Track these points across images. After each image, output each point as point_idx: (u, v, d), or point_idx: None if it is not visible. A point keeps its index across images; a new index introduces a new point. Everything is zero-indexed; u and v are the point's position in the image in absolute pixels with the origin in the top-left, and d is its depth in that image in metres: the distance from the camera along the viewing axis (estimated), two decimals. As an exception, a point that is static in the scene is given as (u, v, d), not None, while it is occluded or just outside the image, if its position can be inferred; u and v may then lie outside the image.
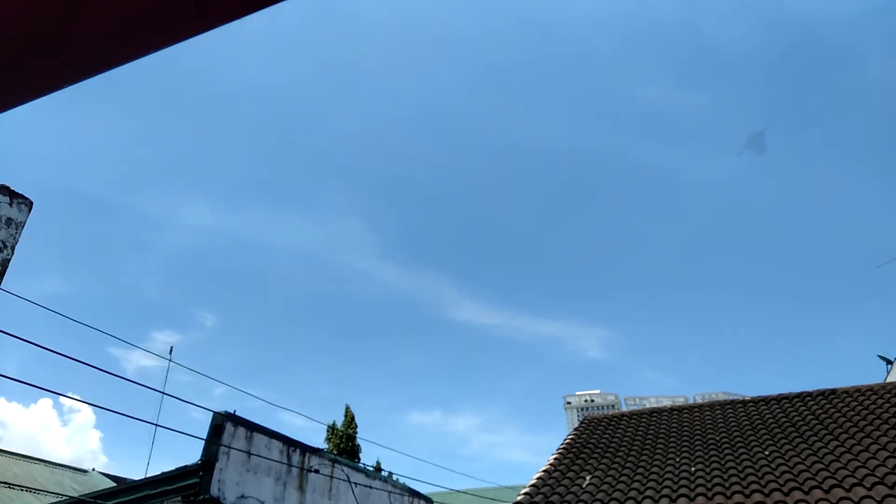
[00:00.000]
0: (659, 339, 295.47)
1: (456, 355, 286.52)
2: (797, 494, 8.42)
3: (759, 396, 13.35)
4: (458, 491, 17.06)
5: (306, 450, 12.56)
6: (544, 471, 11.14)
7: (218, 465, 10.19)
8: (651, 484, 9.71)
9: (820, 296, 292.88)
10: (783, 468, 9.26)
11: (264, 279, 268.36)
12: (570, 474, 10.80)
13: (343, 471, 13.62)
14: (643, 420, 13.54)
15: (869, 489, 8.20)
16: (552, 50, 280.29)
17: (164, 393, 8.93)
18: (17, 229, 5.91)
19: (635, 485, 9.76)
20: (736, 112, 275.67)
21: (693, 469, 10.02)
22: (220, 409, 10.69)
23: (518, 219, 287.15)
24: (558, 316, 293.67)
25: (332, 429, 23.50)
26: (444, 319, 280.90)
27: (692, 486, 9.31)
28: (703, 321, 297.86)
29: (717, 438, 11.22)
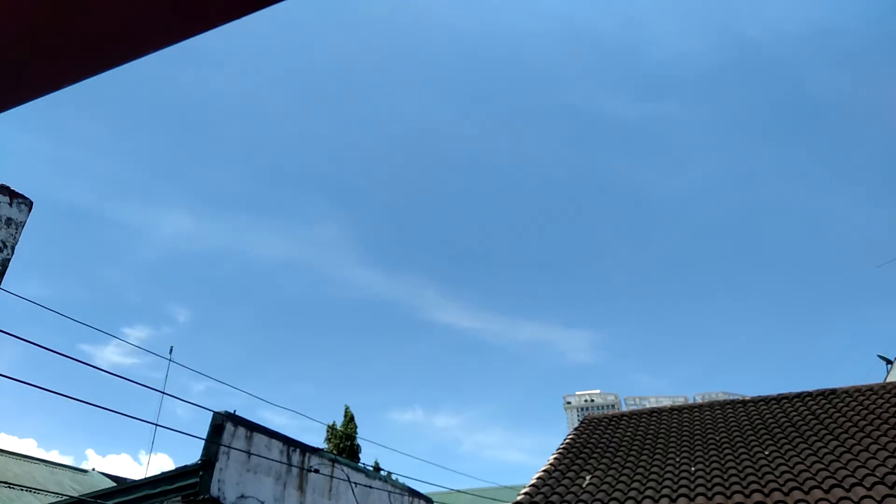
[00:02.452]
0: (649, 342, 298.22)
1: (438, 357, 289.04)
2: (797, 494, 8.42)
3: (759, 396, 13.35)
4: (458, 491, 17.06)
5: (306, 450, 12.56)
6: (544, 471, 11.14)
7: (218, 465, 10.18)
8: (651, 484, 9.71)
9: (820, 296, 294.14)
10: (783, 468, 9.25)
11: (243, 283, 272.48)
12: (570, 474, 10.80)
13: (343, 471, 13.62)
14: (643, 420, 13.53)
15: (869, 489, 8.20)
16: (520, 67, 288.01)
17: (163, 392, 8.93)
18: (17, 229, 5.91)
19: (635, 485, 9.76)
20: (700, 122, 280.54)
21: (693, 469, 10.02)
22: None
23: (501, 227, 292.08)
24: (544, 320, 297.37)
25: (331, 429, 23.49)
26: (427, 322, 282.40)
27: (692, 486, 9.31)
28: (703, 322, 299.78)
29: (717, 438, 11.22)
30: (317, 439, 23.63)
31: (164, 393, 8.92)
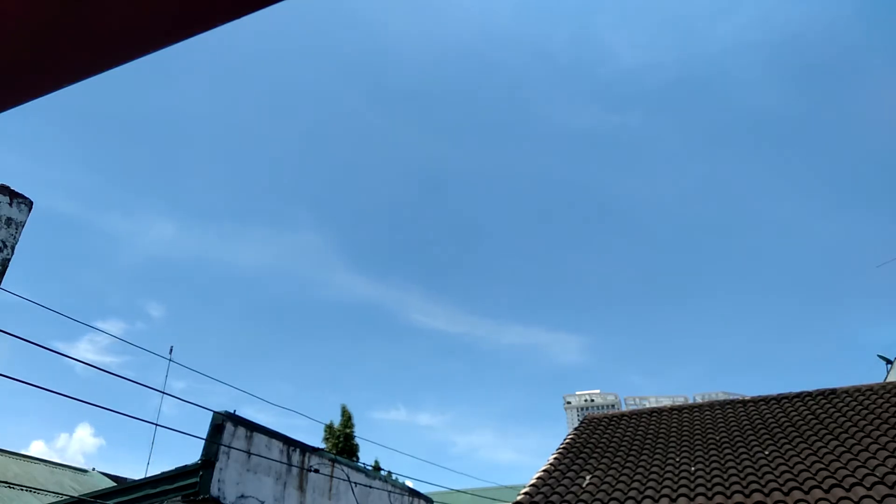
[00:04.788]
0: (647, 343, 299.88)
1: (424, 359, 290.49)
2: (797, 494, 8.42)
3: (759, 396, 13.35)
4: (458, 491, 17.06)
5: (306, 449, 12.56)
6: (544, 470, 11.14)
7: (218, 465, 10.18)
8: (651, 484, 9.71)
9: (820, 296, 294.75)
10: (783, 468, 9.25)
11: (224, 286, 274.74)
12: (570, 474, 10.80)
13: (343, 470, 13.62)
14: (643, 420, 13.53)
15: (869, 489, 8.20)
16: (489, 85, 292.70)
17: (163, 392, 8.93)
18: (17, 229, 5.91)
19: (635, 485, 9.76)
20: (667, 132, 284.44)
21: (693, 469, 10.02)
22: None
23: (483, 234, 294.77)
24: (535, 324, 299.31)
25: (329, 428, 23.47)
26: (411, 325, 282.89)
27: (692, 486, 9.31)
28: (703, 323, 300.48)
29: (717, 438, 11.22)
30: (304, 438, 23.49)
31: (164, 392, 8.92)
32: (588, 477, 10.51)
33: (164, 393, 8.92)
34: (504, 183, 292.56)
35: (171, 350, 12.47)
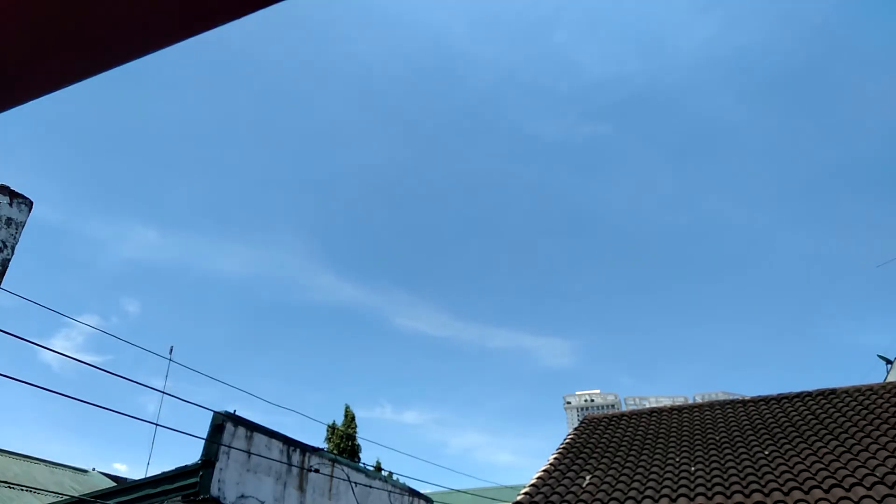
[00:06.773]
0: (647, 343, 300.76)
1: (415, 361, 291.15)
2: (797, 494, 8.42)
3: (759, 396, 13.35)
4: (458, 491, 17.07)
5: (306, 449, 12.56)
6: (544, 470, 11.14)
7: (218, 465, 10.18)
8: (651, 484, 9.71)
9: (820, 295, 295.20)
10: (783, 468, 9.25)
11: (206, 290, 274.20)
12: (570, 474, 10.80)
13: (343, 470, 13.62)
14: (643, 420, 13.53)
15: (869, 489, 8.20)
16: (465, 97, 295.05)
17: (164, 392, 8.93)
18: (17, 229, 5.91)
19: (635, 485, 9.76)
20: (641, 140, 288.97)
21: (693, 469, 10.02)
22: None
23: (470, 240, 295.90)
24: (519, 328, 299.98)
25: (332, 428, 23.51)
26: (398, 330, 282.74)
27: (692, 486, 9.31)
28: (703, 323, 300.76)
29: (717, 438, 11.22)
30: (293, 437, 23.42)
31: (164, 393, 8.92)
32: (588, 477, 10.51)
33: (164, 393, 8.93)
34: (485, 191, 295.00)
35: (172, 350, 12.49)
